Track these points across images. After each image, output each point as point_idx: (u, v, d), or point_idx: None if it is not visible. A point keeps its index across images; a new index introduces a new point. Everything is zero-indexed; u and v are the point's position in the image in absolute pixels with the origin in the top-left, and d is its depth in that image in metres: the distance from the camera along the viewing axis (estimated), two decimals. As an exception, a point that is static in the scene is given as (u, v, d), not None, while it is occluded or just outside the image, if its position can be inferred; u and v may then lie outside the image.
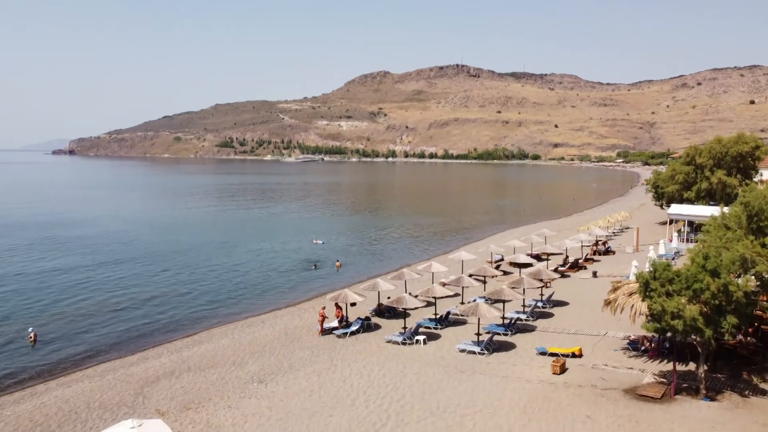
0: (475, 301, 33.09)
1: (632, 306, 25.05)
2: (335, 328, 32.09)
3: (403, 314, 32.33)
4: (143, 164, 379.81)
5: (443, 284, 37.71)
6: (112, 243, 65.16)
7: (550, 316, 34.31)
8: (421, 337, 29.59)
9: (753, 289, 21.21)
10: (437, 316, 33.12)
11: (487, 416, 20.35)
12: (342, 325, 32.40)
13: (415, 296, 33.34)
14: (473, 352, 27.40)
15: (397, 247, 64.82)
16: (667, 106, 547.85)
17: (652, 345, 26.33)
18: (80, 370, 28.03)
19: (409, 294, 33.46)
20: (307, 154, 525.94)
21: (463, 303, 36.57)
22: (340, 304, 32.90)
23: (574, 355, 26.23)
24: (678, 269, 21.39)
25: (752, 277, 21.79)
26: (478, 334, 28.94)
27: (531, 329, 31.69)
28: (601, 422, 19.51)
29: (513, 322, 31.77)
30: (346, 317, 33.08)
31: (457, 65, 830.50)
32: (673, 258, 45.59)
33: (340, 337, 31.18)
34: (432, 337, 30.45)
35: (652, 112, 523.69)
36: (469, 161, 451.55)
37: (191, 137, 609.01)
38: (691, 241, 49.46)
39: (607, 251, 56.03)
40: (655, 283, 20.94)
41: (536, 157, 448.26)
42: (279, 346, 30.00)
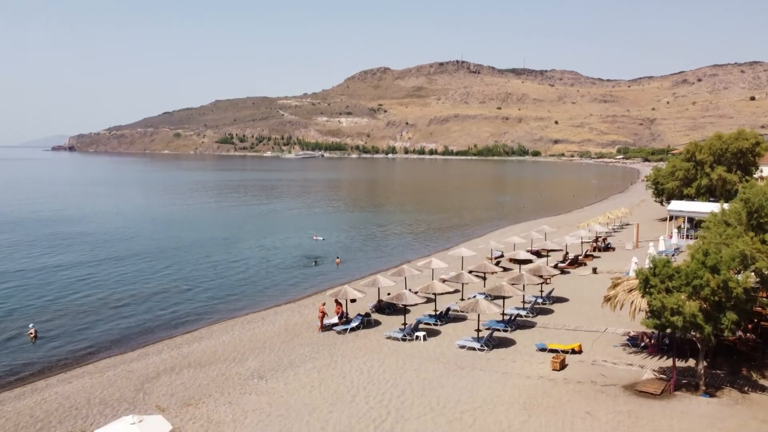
0: (474, 297, 33.11)
1: (632, 302, 25.08)
2: (335, 325, 32.14)
3: (403, 310, 32.37)
4: (143, 160, 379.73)
5: (443, 280, 37.81)
6: (113, 239, 65.22)
7: (550, 312, 34.36)
8: (421, 334, 29.64)
9: (753, 286, 21.24)
10: (437, 313, 33.17)
11: (487, 412, 20.41)
12: (342, 321, 32.45)
13: (415, 292, 33.37)
14: (473, 349, 27.45)
15: (397, 244, 64.87)
16: (668, 103, 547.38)
17: (652, 341, 26.37)
18: (81, 366, 28.08)
19: (409, 290, 33.51)
20: (307, 150, 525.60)
21: (463, 299, 36.63)
22: (340, 301, 32.93)
23: (573, 352, 26.27)
24: (678, 265, 21.42)
25: (752, 274, 21.83)
26: (478, 331, 28.99)
27: (531, 325, 31.74)
28: (600, 418, 19.56)
29: (513, 318, 31.81)
30: (346, 313, 33.12)
31: (457, 61, 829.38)
32: (673, 254, 45.61)
33: (340, 333, 31.22)
34: (432, 333, 30.49)
35: (653, 109, 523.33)
36: (469, 157, 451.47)
37: (191, 133, 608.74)
38: (691, 238, 49.51)
39: (607, 248, 56.06)
40: (655, 279, 20.96)
41: (536, 154, 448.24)
42: (279, 343, 30.05)
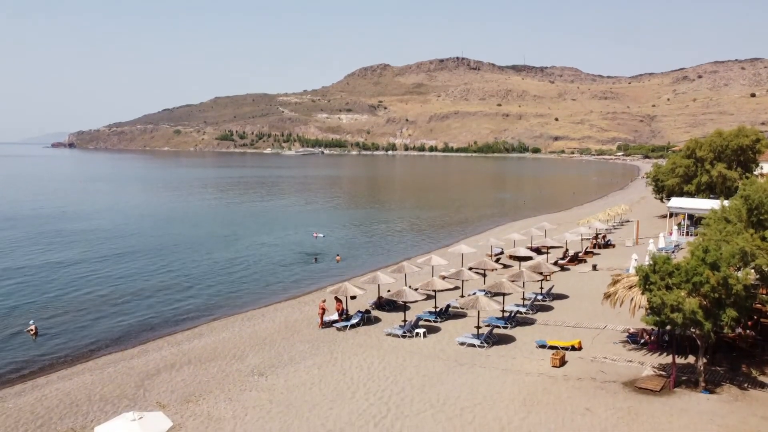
0: (474, 294, 33.12)
1: (632, 299, 25.09)
2: (335, 321, 32.15)
3: (403, 307, 32.38)
4: (143, 157, 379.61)
5: (443, 277, 37.81)
6: (113, 236, 65.23)
7: (550, 309, 34.38)
8: (421, 330, 29.66)
9: (752, 283, 21.25)
10: (437, 309, 33.19)
11: (487, 409, 20.43)
12: (342, 318, 32.45)
13: (415, 289, 33.40)
14: (473, 345, 27.48)
15: (397, 241, 64.88)
16: (668, 99, 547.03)
17: (652, 338, 26.39)
18: (81, 363, 28.11)
19: (409, 287, 33.49)
20: (307, 147, 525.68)
21: (462, 296, 36.60)
22: (340, 297, 32.92)
23: (573, 348, 26.29)
24: (678, 262, 21.42)
25: (752, 270, 21.85)
26: (478, 327, 29.00)
27: (531, 322, 31.76)
28: (600, 415, 19.58)
29: (513, 315, 31.84)
30: (346, 310, 33.12)
31: (458, 58, 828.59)
32: (673, 251, 45.64)
33: (340, 330, 31.24)
34: (432, 330, 30.51)
35: (653, 105, 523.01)
36: (469, 154, 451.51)
37: (191, 130, 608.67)
38: (691, 235, 49.53)
39: (607, 244, 56.06)
40: (655, 276, 20.96)
41: (536, 150, 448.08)
42: (279, 339, 30.07)
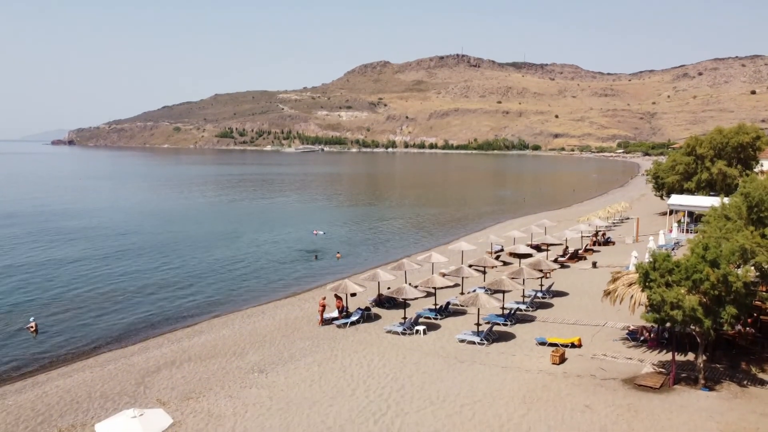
0: (474, 291, 33.13)
1: (632, 296, 25.10)
2: (335, 319, 32.17)
3: (403, 304, 32.41)
4: (143, 154, 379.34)
5: (443, 275, 37.78)
6: (113, 234, 65.22)
7: (550, 306, 34.40)
8: (420, 328, 29.67)
9: (752, 280, 21.25)
10: (437, 307, 33.20)
11: (487, 406, 20.46)
12: (342, 315, 32.48)
13: (415, 287, 33.39)
14: (473, 342, 27.50)
15: (397, 238, 64.88)
16: (668, 97, 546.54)
17: (651, 335, 26.41)
18: (81, 360, 28.13)
19: (409, 284, 33.51)
20: (307, 144, 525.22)
21: (462, 293, 36.64)
22: (340, 295, 32.95)
23: (573, 345, 26.32)
24: (678, 260, 21.41)
25: (752, 268, 21.83)
26: (478, 325, 29.02)
27: (530, 319, 31.79)
28: (599, 412, 19.61)
29: (512, 312, 31.85)
30: (346, 307, 33.16)
31: (458, 55, 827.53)
32: (673, 248, 45.62)
33: (340, 327, 31.26)
34: (432, 327, 30.53)
35: (653, 103, 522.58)
36: (469, 152, 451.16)
37: (191, 127, 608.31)
38: (691, 232, 49.50)
39: (607, 242, 56.06)
40: (655, 273, 20.96)
41: (536, 148, 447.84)
42: (279, 337, 30.09)
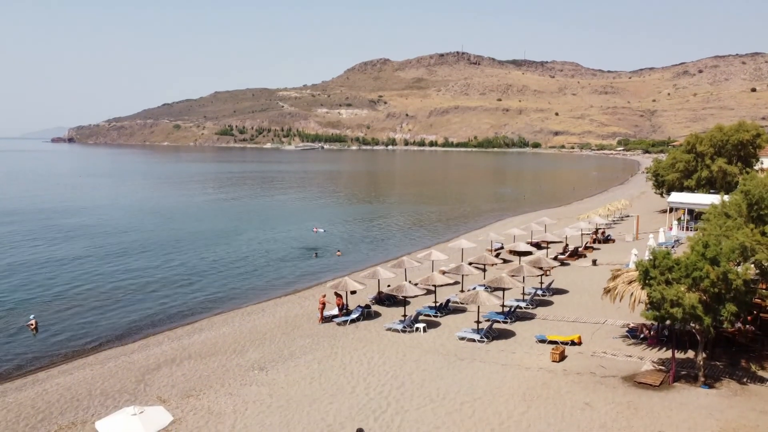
0: (474, 289, 33.16)
1: (631, 294, 25.11)
2: (335, 316, 32.20)
3: (403, 302, 32.42)
4: (143, 152, 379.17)
5: (443, 272, 37.81)
6: (113, 231, 65.23)
7: (550, 304, 34.41)
8: (420, 325, 29.69)
9: (752, 278, 21.25)
10: (437, 304, 33.22)
11: (487, 403, 20.48)
12: (342, 313, 32.51)
13: (415, 284, 33.39)
14: (473, 340, 27.52)
15: (397, 236, 64.89)
16: (668, 94, 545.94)
17: (651, 333, 26.42)
18: (81, 358, 28.17)
19: (409, 282, 33.53)
20: (307, 142, 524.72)
21: (462, 291, 36.68)
22: (341, 292, 32.97)
23: (573, 343, 26.33)
24: (677, 257, 21.41)
25: (752, 266, 21.82)
26: (478, 322, 29.04)
27: (530, 317, 31.80)
28: (599, 409, 19.62)
29: (512, 310, 31.85)
30: (347, 305, 33.18)
31: (458, 53, 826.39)
32: (673, 246, 45.59)
33: (340, 324, 31.28)
34: (432, 324, 30.55)
35: (653, 100, 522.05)
36: (469, 149, 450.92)
37: (191, 125, 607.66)
38: (691, 230, 49.48)
39: (607, 239, 56.07)
40: (655, 271, 20.96)
41: (536, 145, 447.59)
42: (279, 334, 30.11)
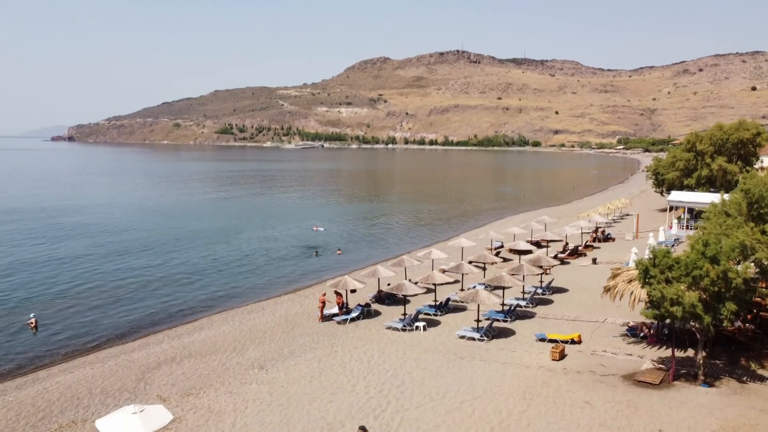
0: (474, 287, 33.17)
1: (631, 293, 25.12)
2: (335, 315, 32.21)
3: (403, 301, 32.40)
4: (143, 151, 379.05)
5: (443, 271, 37.81)
6: (113, 230, 65.22)
7: (550, 302, 34.42)
8: (420, 324, 29.71)
9: (752, 276, 21.25)
10: (437, 303, 33.23)
11: (487, 402, 20.49)
12: (342, 311, 32.51)
13: (415, 283, 33.39)
14: (473, 339, 27.53)
15: (397, 234, 64.89)
16: (669, 93, 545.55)
17: (651, 331, 26.44)
18: (82, 356, 28.17)
19: (409, 281, 33.53)
20: (307, 140, 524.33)
21: (462, 290, 36.67)
22: (340, 291, 32.96)
23: (573, 342, 26.34)
24: (677, 256, 21.43)
25: (752, 264, 21.83)
26: (478, 321, 29.05)
27: (530, 316, 31.81)
28: (599, 408, 19.64)
29: (512, 308, 31.87)
30: (347, 304, 33.17)
31: (458, 51, 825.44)
32: (673, 245, 45.59)
33: (340, 323, 31.29)
34: (432, 323, 30.56)
35: (653, 99, 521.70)
36: (469, 148, 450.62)
37: (191, 124, 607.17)
38: (691, 228, 49.50)
39: (607, 238, 56.06)
40: (655, 269, 20.97)
41: (536, 144, 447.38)
42: (279, 333, 30.12)
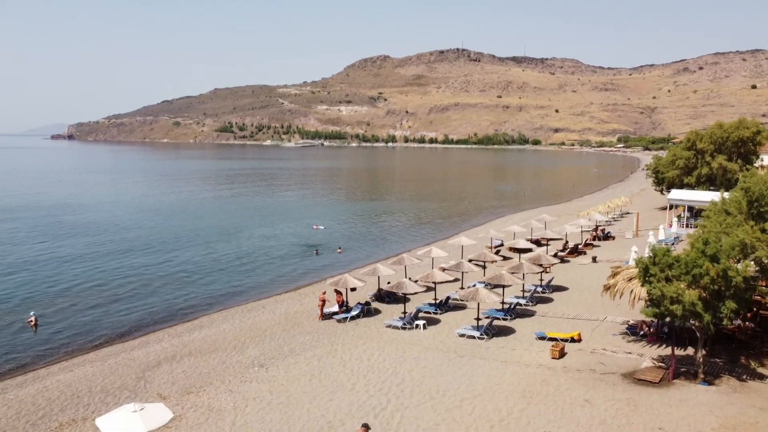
0: (474, 286, 33.10)
1: (631, 291, 25.14)
2: (335, 313, 32.22)
3: (403, 299, 32.44)
4: (143, 149, 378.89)
5: (443, 269, 37.85)
6: (113, 229, 65.23)
7: (550, 301, 34.44)
8: (420, 322, 29.72)
9: (752, 275, 21.26)
10: (437, 301, 33.24)
11: (486, 400, 20.50)
12: (342, 310, 32.51)
13: (415, 281, 33.42)
14: (473, 337, 27.54)
15: (397, 233, 64.91)
16: (669, 91, 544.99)
17: (651, 330, 26.45)
18: (82, 355, 28.19)
19: (409, 279, 33.55)
20: (307, 139, 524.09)
21: (462, 288, 36.64)
22: (340, 289, 32.95)
23: (573, 340, 26.35)
24: (677, 254, 21.44)
25: (751, 263, 21.85)
26: (478, 319, 29.06)
27: (530, 314, 31.81)
28: (599, 406, 19.65)
29: (512, 307, 31.88)
30: (347, 302, 33.18)
31: (458, 49, 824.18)
32: (673, 243, 45.61)
33: (340, 321, 31.30)
34: (432, 321, 30.58)
35: (654, 97, 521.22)
36: (469, 146, 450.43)
37: (190, 122, 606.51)
38: (691, 227, 49.50)
39: (607, 236, 56.07)
40: (655, 268, 20.97)
41: (536, 142, 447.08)
42: (279, 331, 30.13)
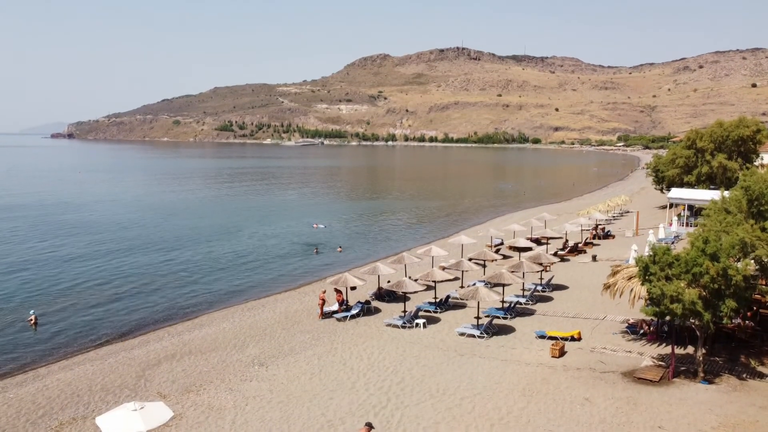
0: (474, 284, 33.14)
1: (631, 290, 25.15)
2: (335, 312, 32.23)
3: (403, 298, 32.44)
4: (142, 148, 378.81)
5: (443, 268, 37.83)
6: (113, 227, 65.21)
7: (550, 299, 34.45)
8: (420, 321, 29.73)
9: (752, 273, 21.26)
10: (437, 300, 33.25)
11: (486, 399, 20.51)
12: (342, 308, 32.52)
13: (415, 280, 33.43)
14: (473, 336, 27.55)
15: (397, 231, 64.90)
16: (669, 90, 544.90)
17: (651, 328, 26.45)
18: (82, 353, 28.18)
19: (409, 278, 33.54)
20: (307, 137, 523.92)
21: (462, 287, 36.65)
22: (340, 288, 32.97)
23: (573, 339, 26.37)
24: (677, 253, 21.43)
25: (751, 261, 21.85)
26: (478, 318, 29.07)
27: (530, 313, 31.83)
28: (599, 405, 19.66)
29: (512, 305, 31.90)
30: (346, 301, 33.19)
31: (458, 48, 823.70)
32: (673, 242, 45.62)
33: (340, 320, 31.31)
34: (432, 320, 30.59)
35: (654, 96, 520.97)
36: (469, 145, 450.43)
37: (190, 121, 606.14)
38: (691, 225, 49.51)
39: (607, 235, 56.07)
40: (655, 267, 20.98)
41: (536, 141, 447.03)
42: (279, 330, 30.14)
